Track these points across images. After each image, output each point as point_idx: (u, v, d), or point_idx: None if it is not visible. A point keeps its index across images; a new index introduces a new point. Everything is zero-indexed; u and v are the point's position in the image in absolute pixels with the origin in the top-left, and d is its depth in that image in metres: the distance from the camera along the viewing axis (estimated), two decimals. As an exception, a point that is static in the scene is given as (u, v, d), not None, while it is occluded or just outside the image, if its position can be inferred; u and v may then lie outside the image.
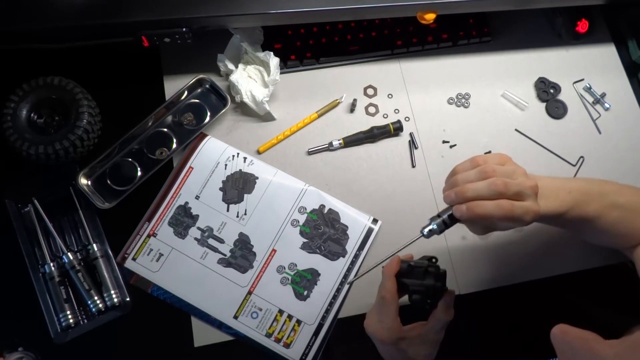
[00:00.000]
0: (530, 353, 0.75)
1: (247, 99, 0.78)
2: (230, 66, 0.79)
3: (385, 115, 0.84)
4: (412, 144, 0.82)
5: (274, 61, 0.77)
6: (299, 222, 0.76)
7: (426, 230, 0.60)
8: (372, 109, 0.84)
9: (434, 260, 0.63)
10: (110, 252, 0.73)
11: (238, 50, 0.81)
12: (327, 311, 0.73)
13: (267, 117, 0.81)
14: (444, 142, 0.83)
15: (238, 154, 0.78)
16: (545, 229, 0.79)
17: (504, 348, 0.76)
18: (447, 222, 0.59)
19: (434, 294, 0.60)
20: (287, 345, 0.71)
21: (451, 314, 0.59)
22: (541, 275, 0.77)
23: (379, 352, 0.65)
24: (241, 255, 0.74)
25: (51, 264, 0.71)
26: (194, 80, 0.80)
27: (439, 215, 0.59)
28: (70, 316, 0.69)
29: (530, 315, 0.76)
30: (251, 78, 0.80)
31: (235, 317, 0.71)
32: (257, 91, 0.78)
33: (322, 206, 0.77)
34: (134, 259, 0.73)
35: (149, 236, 0.74)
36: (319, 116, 0.82)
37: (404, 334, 0.60)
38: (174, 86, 0.81)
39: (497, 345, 0.76)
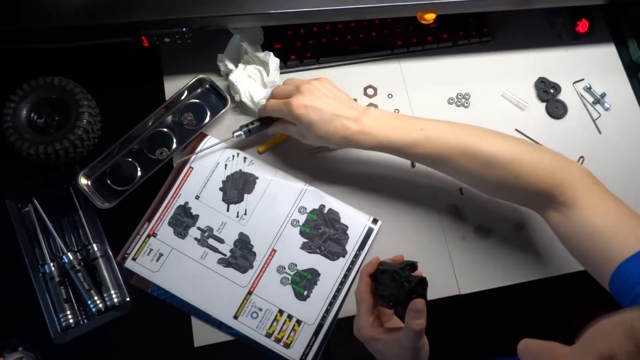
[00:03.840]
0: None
1: (245, 99, 0.78)
2: (230, 66, 0.79)
3: (385, 115, 0.84)
4: (412, 144, 0.82)
5: (273, 62, 0.77)
6: (299, 222, 0.76)
7: (236, 134, 0.76)
8: (372, 109, 0.84)
9: (408, 267, 0.59)
10: (110, 252, 0.73)
11: (238, 50, 0.81)
12: (327, 311, 0.73)
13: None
14: (444, 142, 0.83)
15: (238, 154, 0.78)
16: (545, 229, 0.79)
17: (503, 348, 0.76)
18: (251, 129, 0.76)
19: (397, 301, 0.57)
20: (287, 346, 0.71)
21: (419, 324, 0.54)
22: (541, 275, 0.77)
23: None
24: (241, 255, 0.74)
25: (51, 264, 0.71)
26: (194, 80, 0.80)
27: (246, 125, 0.76)
28: (70, 316, 0.69)
29: (531, 316, 0.76)
30: (250, 78, 0.80)
31: (235, 317, 0.71)
32: (255, 91, 0.78)
33: (322, 206, 0.77)
34: (134, 259, 0.73)
35: (149, 236, 0.74)
36: (319, 116, 0.82)
37: (378, 335, 0.59)
38: (174, 86, 0.81)
39: (496, 345, 0.76)
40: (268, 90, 0.77)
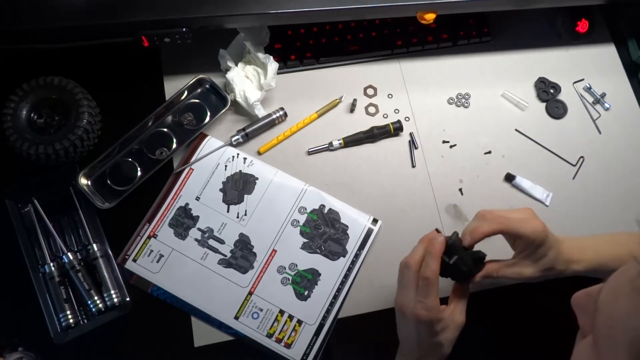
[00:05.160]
0: (532, 354, 0.75)
1: (239, 99, 0.78)
2: (230, 63, 0.79)
3: (385, 115, 0.84)
4: (412, 144, 0.82)
5: (272, 66, 0.77)
6: (299, 222, 0.76)
7: (234, 139, 0.77)
8: (372, 109, 0.84)
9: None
10: (110, 252, 0.73)
11: (242, 48, 0.81)
12: (328, 311, 0.73)
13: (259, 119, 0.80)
14: (444, 142, 0.83)
15: (238, 154, 0.78)
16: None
17: (504, 348, 0.76)
18: (249, 132, 0.78)
19: (467, 276, 0.62)
20: (288, 346, 0.71)
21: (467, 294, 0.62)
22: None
23: (402, 333, 0.62)
24: (241, 255, 0.74)
25: (51, 264, 0.70)
26: (194, 80, 0.79)
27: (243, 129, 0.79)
28: (70, 316, 0.69)
29: (531, 316, 0.76)
30: (248, 78, 0.80)
31: (236, 318, 0.71)
32: (250, 92, 0.78)
33: (322, 206, 0.77)
34: (134, 260, 0.73)
35: (149, 237, 0.74)
36: (319, 116, 0.82)
37: (442, 315, 0.60)
38: (174, 86, 0.81)
39: (497, 345, 0.76)
40: (263, 93, 0.77)
